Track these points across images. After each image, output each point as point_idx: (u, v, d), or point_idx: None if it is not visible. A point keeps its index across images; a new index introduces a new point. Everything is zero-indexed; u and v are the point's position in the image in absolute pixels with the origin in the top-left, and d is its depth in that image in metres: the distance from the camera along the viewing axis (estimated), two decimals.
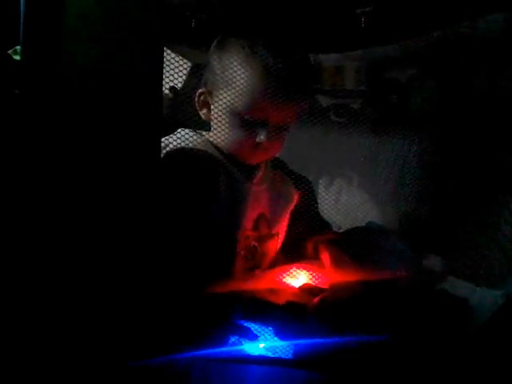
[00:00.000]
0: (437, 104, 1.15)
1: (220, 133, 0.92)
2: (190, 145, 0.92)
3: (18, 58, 0.89)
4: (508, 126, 0.99)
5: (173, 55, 0.86)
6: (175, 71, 0.84)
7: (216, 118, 0.93)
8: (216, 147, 0.96)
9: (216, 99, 0.92)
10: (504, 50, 1.00)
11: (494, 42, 1.02)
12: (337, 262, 0.93)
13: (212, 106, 0.94)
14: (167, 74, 0.83)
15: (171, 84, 0.87)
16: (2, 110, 0.68)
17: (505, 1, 1.00)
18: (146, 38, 0.65)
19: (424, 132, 1.14)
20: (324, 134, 1.08)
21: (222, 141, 0.93)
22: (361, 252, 0.94)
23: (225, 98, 0.90)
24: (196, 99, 0.96)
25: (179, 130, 0.94)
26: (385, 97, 1.26)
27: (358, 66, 1.28)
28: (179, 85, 0.93)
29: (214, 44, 0.96)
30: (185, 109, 0.98)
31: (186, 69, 0.92)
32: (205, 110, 0.96)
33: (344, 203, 1.05)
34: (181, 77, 0.86)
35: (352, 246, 0.97)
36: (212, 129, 0.96)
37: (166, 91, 0.97)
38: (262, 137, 0.91)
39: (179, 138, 0.90)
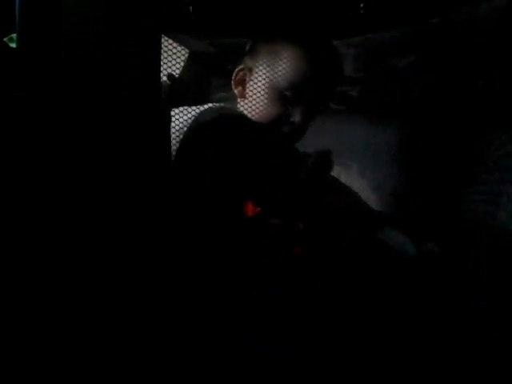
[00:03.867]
0: (436, 91, 1.15)
1: (252, 108, 0.95)
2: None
3: (13, 45, 0.88)
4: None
5: (170, 41, 0.86)
6: (173, 58, 0.83)
7: (252, 92, 0.96)
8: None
9: (256, 74, 0.96)
10: (505, 35, 1.00)
11: (495, 28, 1.02)
12: None
13: (250, 82, 0.98)
14: (165, 61, 0.82)
15: (169, 71, 0.86)
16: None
17: None
18: (143, 26, 0.64)
19: (422, 119, 1.14)
20: (323, 121, 1.07)
21: (253, 116, 0.96)
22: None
23: (267, 72, 0.95)
24: (233, 76, 1.00)
25: (207, 106, 0.94)
26: (384, 84, 1.25)
27: (356, 53, 1.28)
28: (177, 72, 0.93)
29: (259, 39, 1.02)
30: (183, 96, 0.98)
31: (183, 55, 0.91)
32: (240, 88, 1.00)
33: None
34: (179, 63, 0.86)
35: None
36: (244, 105, 0.98)
37: (164, 78, 0.96)
38: (297, 117, 0.96)
39: (211, 109, 0.90)
